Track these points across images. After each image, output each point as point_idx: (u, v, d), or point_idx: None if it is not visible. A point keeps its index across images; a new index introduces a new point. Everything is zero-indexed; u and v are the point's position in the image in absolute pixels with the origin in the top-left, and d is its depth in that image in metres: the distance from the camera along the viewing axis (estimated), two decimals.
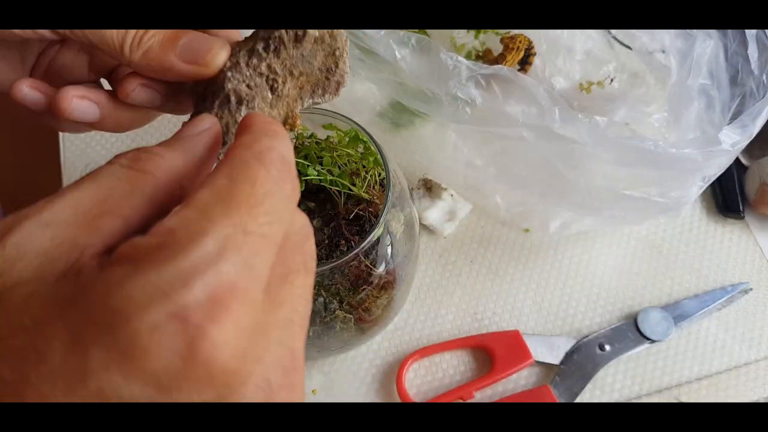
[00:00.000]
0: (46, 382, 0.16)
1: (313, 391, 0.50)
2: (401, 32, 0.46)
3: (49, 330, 0.17)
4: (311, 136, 0.45)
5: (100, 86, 0.32)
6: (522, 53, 0.55)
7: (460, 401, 0.49)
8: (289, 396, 0.20)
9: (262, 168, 0.21)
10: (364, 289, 0.42)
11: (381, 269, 0.43)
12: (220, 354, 0.17)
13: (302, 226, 0.23)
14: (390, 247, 0.43)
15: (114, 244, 0.20)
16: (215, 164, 0.23)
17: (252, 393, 0.19)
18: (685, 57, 0.49)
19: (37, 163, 1.08)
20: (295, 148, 0.44)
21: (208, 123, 0.25)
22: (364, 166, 0.44)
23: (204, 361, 0.17)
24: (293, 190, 0.22)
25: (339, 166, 0.43)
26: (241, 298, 0.18)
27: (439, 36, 0.58)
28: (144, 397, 0.17)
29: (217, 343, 0.17)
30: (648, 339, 0.51)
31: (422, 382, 0.51)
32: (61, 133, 0.62)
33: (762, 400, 0.50)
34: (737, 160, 0.59)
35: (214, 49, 0.28)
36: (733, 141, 0.44)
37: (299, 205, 0.23)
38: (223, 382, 0.17)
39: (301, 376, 0.21)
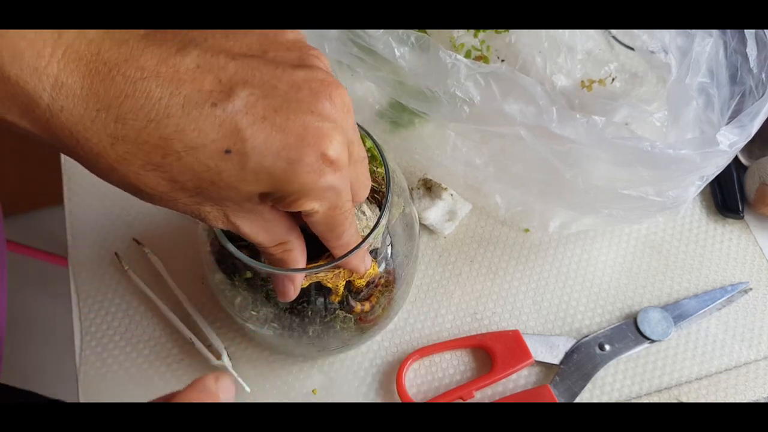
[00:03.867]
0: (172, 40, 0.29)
1: (313, 391, 0.50)
2: (400, 30, 0.46)
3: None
4: None
5: None
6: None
7: (460, 401, 0.49)
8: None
9: None
10: (364, 289, 0.42)
11: (381, 269, 0.43)
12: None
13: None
14: (390, 247, 0.43)
15: None
16: None
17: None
18: (684, 54, 0.49)
19: (38, 163, 1.08)
20: None
21: None
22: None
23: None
24: None
25: None
26: None
27: (438, 35, 0.58)
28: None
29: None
30: (648, 339, 0.51)
31: (422, 382, 0.51)
32: None
33: (762, 400, 0.50)
34: (737, 159, 0.59)
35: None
36: (731, 141, 0.43)
37: None
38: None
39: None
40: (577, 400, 0.49)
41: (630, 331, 0.52)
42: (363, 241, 0.38)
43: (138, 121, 0.27)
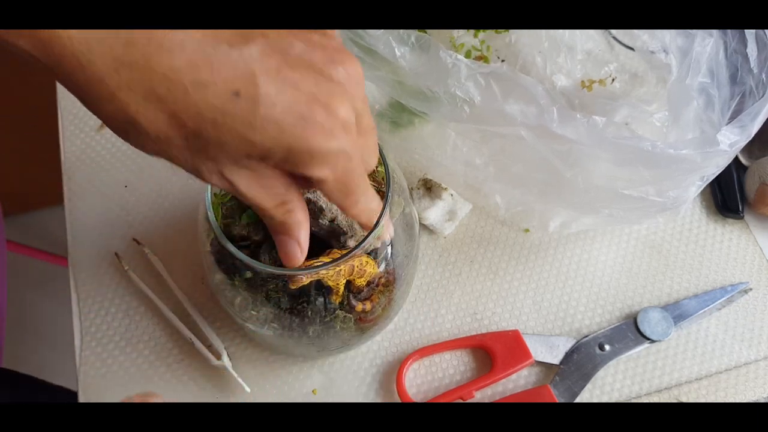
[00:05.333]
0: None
1: (313, 391, 0.50)
2: (401, 30, 0.46)
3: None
4: None
5: None
6: None
7: (460, 401, 0.49)
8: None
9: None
10: (364, 288, 0.42)
11: (381, 269, 0.43)
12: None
13: None
14: (390, 247, 0.43)
15: None
16: None
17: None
18: (685, 55, 0.49)
19: (38, 163, 1.08)
20: None
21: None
22: None
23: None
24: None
25: None
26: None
27: (438, 35, 0.58)
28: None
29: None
30: (648, 339, 0.51)
31: (422, 382, 0.51)
32: (61, 132, 0.62)
33: (762, 400, 0.50)
34: (737, 159, 0.59)
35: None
36: (731, 141, 0.44)
37: None
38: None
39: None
40: (577, 400, 0.49)
41: (630, 331, 0.52)
42: (364, 240, 0.38)
43: (149, 47, 0.26)
